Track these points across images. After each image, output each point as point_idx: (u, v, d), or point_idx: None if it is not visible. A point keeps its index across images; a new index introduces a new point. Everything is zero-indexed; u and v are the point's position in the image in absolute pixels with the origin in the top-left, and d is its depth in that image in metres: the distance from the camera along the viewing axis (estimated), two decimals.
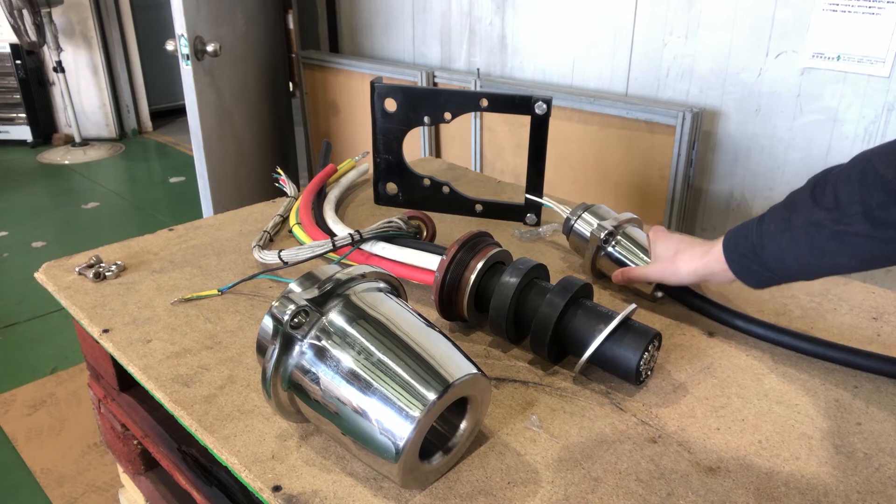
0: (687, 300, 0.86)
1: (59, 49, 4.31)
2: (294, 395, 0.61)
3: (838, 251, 0.61)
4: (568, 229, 0.99)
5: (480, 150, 2.23)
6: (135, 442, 0.96)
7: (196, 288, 0.93)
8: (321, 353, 0.59)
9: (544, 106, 1.06)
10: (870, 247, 0.59)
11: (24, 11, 4.07)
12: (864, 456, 0.63)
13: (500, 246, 0.84)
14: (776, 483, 0.60)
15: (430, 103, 1.12)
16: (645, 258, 0.90)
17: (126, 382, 0.94)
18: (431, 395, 0.55)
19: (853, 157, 0.61)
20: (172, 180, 4.15)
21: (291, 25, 2.98)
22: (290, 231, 1.07)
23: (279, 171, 1.24)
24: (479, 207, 1.19)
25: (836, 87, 1.51)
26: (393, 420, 0.55)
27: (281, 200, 1.22)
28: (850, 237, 0.59)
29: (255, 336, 0.62)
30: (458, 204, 1.20)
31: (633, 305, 0.73)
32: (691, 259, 0.78)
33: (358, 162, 1.33)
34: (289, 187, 1.22)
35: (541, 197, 1.11)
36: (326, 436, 0.65)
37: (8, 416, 1.97)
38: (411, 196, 1.22)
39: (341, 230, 1.02)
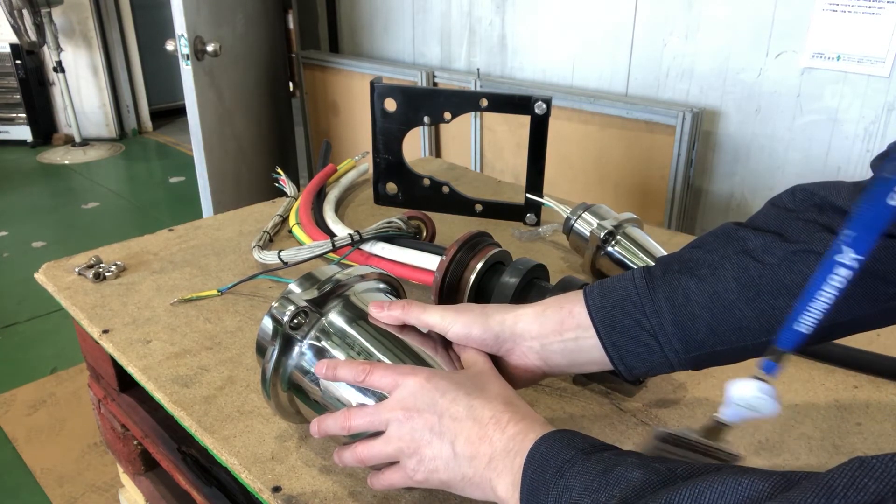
0: None
1: (59, 49, 4.30)
2: (294, 395, 0.61)
3: None
4: (568, 229, 0.99)
5: (480, 150, 2.23)
6: (135, 442, 0.96)
7: (196, 288, 0.93)
8: (321, 354, 0.59)
9: (544, 106, 1.06)
10: None
11: (24, 11, 4.07)
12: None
13: (500, 246, 0.84)
14: None
15: (429, 103, 1.12)
16: (645, 258, 0.90)
17: (126, 383, 0.94)
18: None
19: None
20: (172, 180, 4.15)
21: (291, 25, 2.98)
22: (290, 231, 1.07)
23: (279, 171, 1.24)
24: (479, 207, 1.19)
25: (836, 87, 1.51)
26: None
27: (281, 200, 1.22)
28: None
29: (255, 336, 0.62)
30: (458, 204, 1.20)
31: None
32: (513, 306, 0.59)
33: (358, 162, 1.33)
34: (289, 187, 1.22)
35: (541, 197, 1.11)
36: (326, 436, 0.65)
37: (8, 416, 1.97)
38: (411, 196, 1.22)
39: (341, 230, 1.02)
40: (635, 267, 0.89)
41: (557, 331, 0.56)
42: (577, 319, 0.55)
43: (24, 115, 4.57)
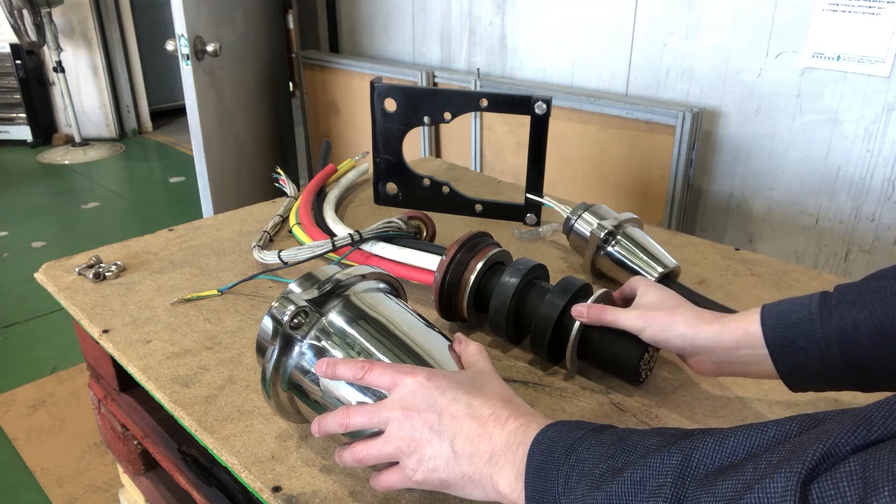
0: (688, 299, 0.86)
1: (59, 49, 4.30)
2: (294, 395, 0.61)
3: None
4: (568, 229, 0.99)
5: (480, 150, 2.23)
6: (135, 442, 0.96)
7: (196, 288, 0.93)
8: (321, 354, 0.59)
9: (544, 106, 1.06)
10: None
11: (24, 11, 4.07)
12: None
13: (500, 246, 0.84)
14: None
15: (429, 103, 1.12)
16: (645, 258, 0.89)
17: (126, 383, 0.94)
18: None
19: None
20: (172, 180, 4.15)
21: (291, 25, 2.98)
22: (290, 231, 1.07)
23: (279, 171, 1.24)
24: (479, 207, 1.19)
25: (836, 87, 1.51)
26: None
27: (281, 200, 1.22)
28: None
29: (255, 336, 0.62)
30: (458, 204, 1.20)
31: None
32: (697, 319, 0.64)
33: (358, 162, 1.33)
34: (289, 187, 1.22)
35: (541, 197, 1.11)
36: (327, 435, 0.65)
37: (8, 416, 1.97)
38: (411, 196, 1.22)
39: (341, 230, 1.02)
40: (636, 267, 0.89)
41: (734, 347, 0.61)
42: (752, 338, 0.60)
43: (24, 115, 4.57)
